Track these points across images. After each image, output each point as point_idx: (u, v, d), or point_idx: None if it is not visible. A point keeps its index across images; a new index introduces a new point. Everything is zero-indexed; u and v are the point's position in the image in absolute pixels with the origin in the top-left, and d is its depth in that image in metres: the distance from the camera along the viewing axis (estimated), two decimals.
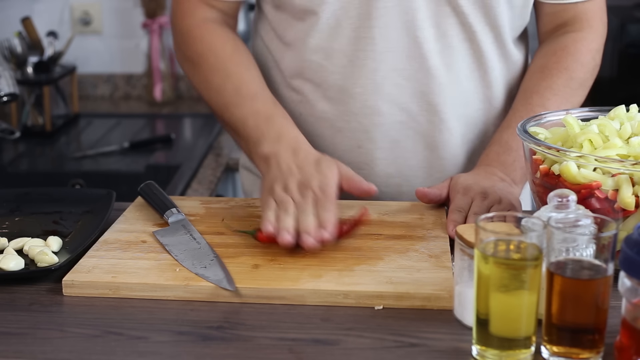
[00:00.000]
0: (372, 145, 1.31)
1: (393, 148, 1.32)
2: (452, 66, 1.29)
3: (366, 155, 1.32)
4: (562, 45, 1.32)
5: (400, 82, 1.28)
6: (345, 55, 1.28)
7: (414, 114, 1.30)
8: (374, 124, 1.30)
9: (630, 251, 0.83)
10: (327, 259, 1.07)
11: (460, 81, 1.30)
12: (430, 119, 1.30)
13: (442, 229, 1.16)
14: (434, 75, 1.28)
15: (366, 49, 1.27)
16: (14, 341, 0.93)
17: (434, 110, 1.30)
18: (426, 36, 1.26)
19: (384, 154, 1.32)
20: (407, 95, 1.29)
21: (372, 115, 1.30)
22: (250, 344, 0.91)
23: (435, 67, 1.28)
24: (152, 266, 1.05)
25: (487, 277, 0.85)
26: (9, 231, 1.19)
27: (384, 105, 1.29)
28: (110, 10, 2.81)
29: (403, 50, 1.27)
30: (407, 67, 1.27)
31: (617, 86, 2.50)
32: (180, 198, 1.30)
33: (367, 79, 1.28)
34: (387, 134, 1.31)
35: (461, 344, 0.91)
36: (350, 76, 1.29)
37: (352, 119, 1.31)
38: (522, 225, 0.87)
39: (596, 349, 0.86)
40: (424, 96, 1.29)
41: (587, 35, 1.33)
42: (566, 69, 1.30)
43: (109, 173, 2.22)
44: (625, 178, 1.00)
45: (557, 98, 1.28)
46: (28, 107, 2.48)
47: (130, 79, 2.88)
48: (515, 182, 1.25)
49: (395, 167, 1.33)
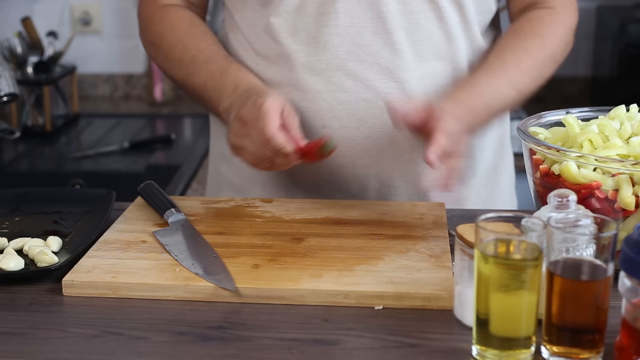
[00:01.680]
0: (338, 125, 1.28)
1: (359, 127, 1.28)
2: (418, 43, 1.26)
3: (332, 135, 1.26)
4: (537, 16, 1.31)
5: (365, 58, 1.26)
6: (308, 32, 1.26)
7: (380, 92, 1.26)
8: (339, 102, 1.27)
9: (630, 251, 0.83)
10: (327, 259, 1.07)
11: (426, 59, 1.27)
12: (397, 97, 1.27)
13: (442, 229, 1.16)
14: (399, 52, 1.25)
15: (329, 24, 1.25)
16: (14, 341, 0.93)
17: (401, 87, 1.26)
18: (391, 11, 1.24)
19: (349, 134, 1.28)
20: (372, 72, 1.26)
21: (336, 93, 1.27)
22: (250, 344, 0.91)
23: (400, 42, 1.25)
24: (152, 266, 1.05)
25: (487, 277, 0.85)
26: (9, 231, 1.19)
27: (348, 81, 1.26)
28: (110, 10, 2.81)
29: (367, 25, 1.25)
30: (371, 42, 1.25)
31: (617, 86, 2.50)
32: (180, 198, 1.31)
33: (330, 54, 1.26)
34: (352, 112, 1.27)
35: (461, 344, 0.91)
36: (314, 53, 1.27)
37: (316, 97, 1.27)
38: (522, 225, 0.87)
39: (596, 349, 0.86)
40: (390, 73, 1.26)
41: (561, 11, 1.32)
42: (540, 36, 1.29)
43: (109, 173, 2.23)
44: (625, 178, 1.00)
45: (530, 61, 1.27)
46: (28, 107, 2.48)
47: (130, 79, 2.88)
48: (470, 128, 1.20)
49: (362, 147, 1.29)
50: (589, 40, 2.76)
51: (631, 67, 2.45)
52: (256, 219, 1.20)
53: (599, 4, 2.72)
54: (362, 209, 1.23)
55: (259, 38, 1.30)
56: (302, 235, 1.14)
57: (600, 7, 2.70)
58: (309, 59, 1.27)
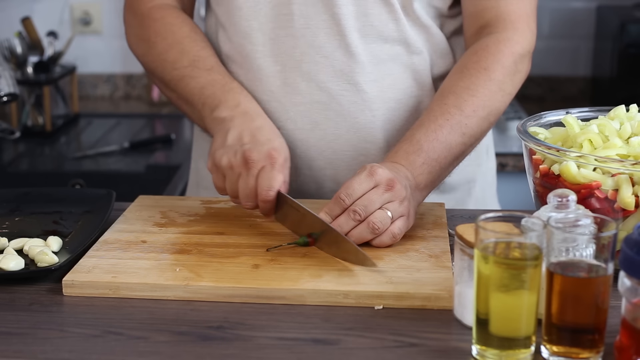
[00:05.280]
0: (292, 126, 1.27)
1: (313, 129, 1.27)
2: (373, 45, 1.25)
3: (286, 137, 1.26)
4: (483, 45, 1.25)
5: (319, 59, 1.25)
6: (264, 33, 1.26)
7: (334, 94, 1.26)
8: (293, 103, 1.27)
9: (630, 251, 0.83)
10: (327, 259, 1.07)
11: (383, 61, 1.26)
12: (352, 99, 1.26)
13: (442, 229, 1.16)
14: (353, 54, 1.25)
15: (285, 26, 1.25)
16: (14, 341, 0.93)
17: (355, 90, 1.26)
18: (345, 13, 1.24)
19: (304, 135, 1.28)
20: (327, 74, 1.26)
21: (291, 94, 1.27)
22: (250, 344, 0.91)
23: (354, 45, 1.25)
24: (152, 266, 1.05)
25: (487, 277, 0.85)
26: (9, 231, 1.19)
27: (302, 83, 1.26)
28: (110, 10, 2.81)
29: (322, 27, 1.25)
30: (325, 44, 1.25)
31: (617, 86, 2.50)
32: (180, 198, 1.31)
33: (285, 55, 1.26)
34: (306, 114, 1.27)
35: (461, 344, 0.91)
36: (269, 54, 1.27)
37: (271, 99, 1.27)
38: (522, 225, 0.87)
39: (596, 349, 0.86)
40: (344, 75, 1.26)
41: (511, 37, 1.25)
42: (485, 69, 1.23)
43: (109, 173, 2.22)
44: (625, 178, 1.00)
45: (474, 99, 1.21)
46: (28, 107, 2.48)
47: (130, 79, 2.88)
48: (419, 187, 1.15)
49: (316, 149, 1.28)
50: (589, 40, 2.76)
51: (631, 67, 2.45)
52: (256, 219, 1.20)
53: (599, 4, 2.72)
54: None
55: (224, 40, 1.31)
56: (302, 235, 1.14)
57: (600, 7, 2.70)
58: (264, 59, 1.27)
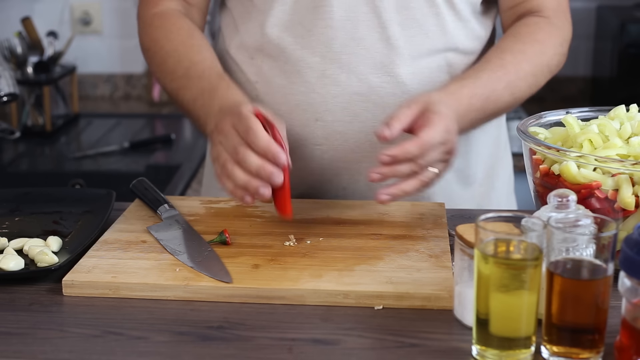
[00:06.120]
0: (331, 118, 1.27)
1: (352, 121, 1.27)
2: (413, 39, 1.26)
3: (324, 129, 1.27)
4: (533, 21, 1.30)
5: (359, 51, 1.25)
6: (303, 25, 1.26)
7: (374, 86, 1.26)
8: (332, 95, 1.26)
9: (630, 251, 0.83)
10: (327, 259, 1.07)
11: (422, 55, 1.27)
12: (391, 91, 1.26)
13: (442, 229, 1.16)
14: (394, 46, 1.25)
15: (324, 17, 1.25)
16: (14, 341, 0.93)
17: (395, 82, 1.26)
18: (386, 6, 1.24)
19: (342, 127, 1.28)
20: (367, 66, 1.26)
21: (330, 86, 1.26)
22: (250, 344, 0.91)
23: (395, 37, 1.25)
24: (152, 266, 1.05)
25: (487, 277, 0.85)
26: (9, 231, 1.19)
27: (342, 75, 1.26)
28: (110, 10, 2.81)
29: (362, 19, 1.25)
30: (366, 36, 1.25)
31: (617, 86, 2.50)
32: (180, 198, 1.31)
33: (324, 47, 1.26)
34: (345, 106, 1.27)
35: (461, 344, 0.91)
36: (308, 45, 1.26)
37: (309, 90, 1.27)
38: (522, 225, 0.87)
39: (596, 349, 0.86)
40: (384, 67, 1.26)
41: (556, 22, 1.30)
42: (539, 42, 1.27)
43: (109, 173, 2.23)
44: (625, 178, 1.00)
45: (528, 66, 1.25)
46: (28, 107, 2.48)
47: (130, 79, 2.88)
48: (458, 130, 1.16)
49: (354, 141, 1.28)
50: (589, 40, 2.76)
51: (631, 67, 2.45)
52: (256, 219, 1.20)
53: (599, 4, 2.72)
54: (362, 209, 1.23)
55: (254, 32, 1.30)
56: (302, 235, 1.14)
57: (600, 7, 2.70)
58: (303, 51, 1.27)
